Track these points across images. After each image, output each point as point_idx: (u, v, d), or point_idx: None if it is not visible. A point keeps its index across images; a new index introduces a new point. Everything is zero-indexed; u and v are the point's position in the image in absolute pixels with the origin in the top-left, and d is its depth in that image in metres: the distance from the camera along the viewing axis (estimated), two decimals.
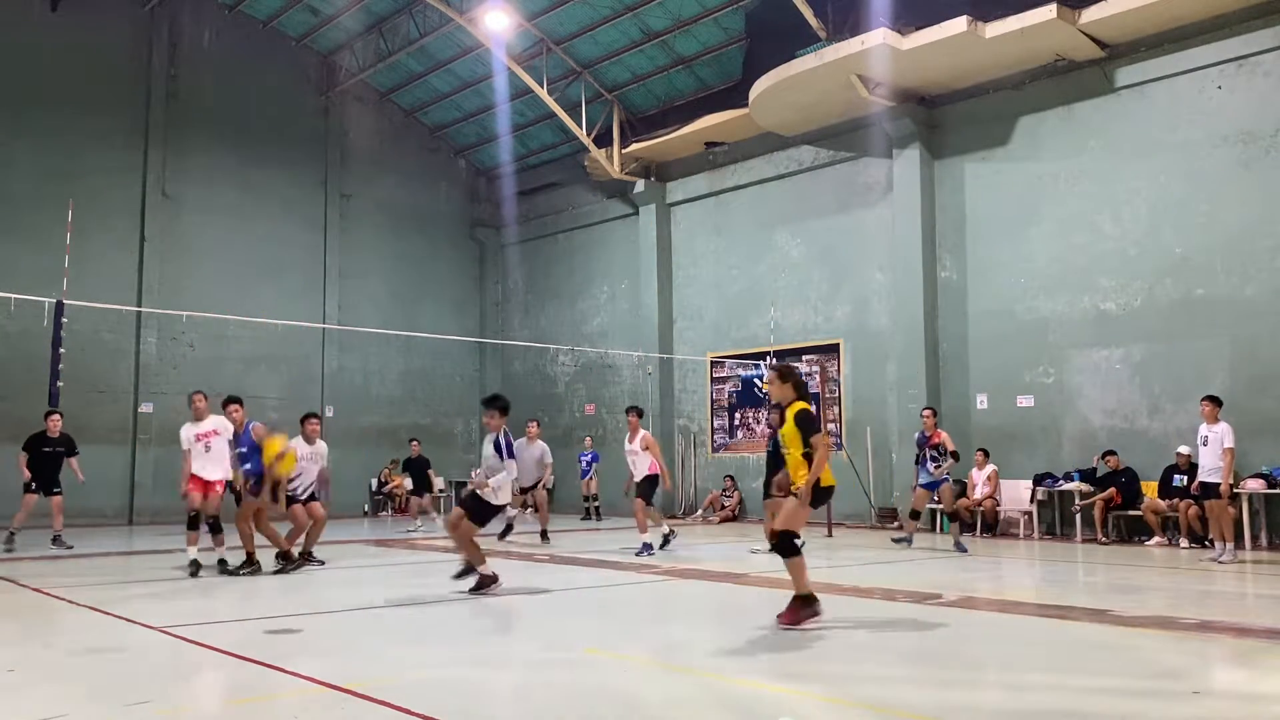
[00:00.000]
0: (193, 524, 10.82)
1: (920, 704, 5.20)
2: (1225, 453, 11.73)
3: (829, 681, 5.77)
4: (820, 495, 7.51)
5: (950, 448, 13.65)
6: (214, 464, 10.76)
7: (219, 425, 10.85)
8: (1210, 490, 11.89)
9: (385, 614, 8.39)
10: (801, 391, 7.78)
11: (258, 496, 10.80)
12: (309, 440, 11.54)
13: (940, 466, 13.53)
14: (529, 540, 14.79)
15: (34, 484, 14.03)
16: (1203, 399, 12.20)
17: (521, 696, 5.40)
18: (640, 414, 13.78)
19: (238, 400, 11.19)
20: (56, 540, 13.99)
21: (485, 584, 9.07)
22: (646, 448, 13.36)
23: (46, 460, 14.12)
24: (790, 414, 7.56)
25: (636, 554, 12.73)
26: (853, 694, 5.40)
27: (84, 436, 16.00)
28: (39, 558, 12.80)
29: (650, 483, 13.34)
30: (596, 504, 20.89)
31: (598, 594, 9.79)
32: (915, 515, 14.03)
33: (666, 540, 13.48)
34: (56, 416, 14.19)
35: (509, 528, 15.06)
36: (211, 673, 6.20)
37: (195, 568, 10.68)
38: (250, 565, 10.73)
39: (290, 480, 11.09)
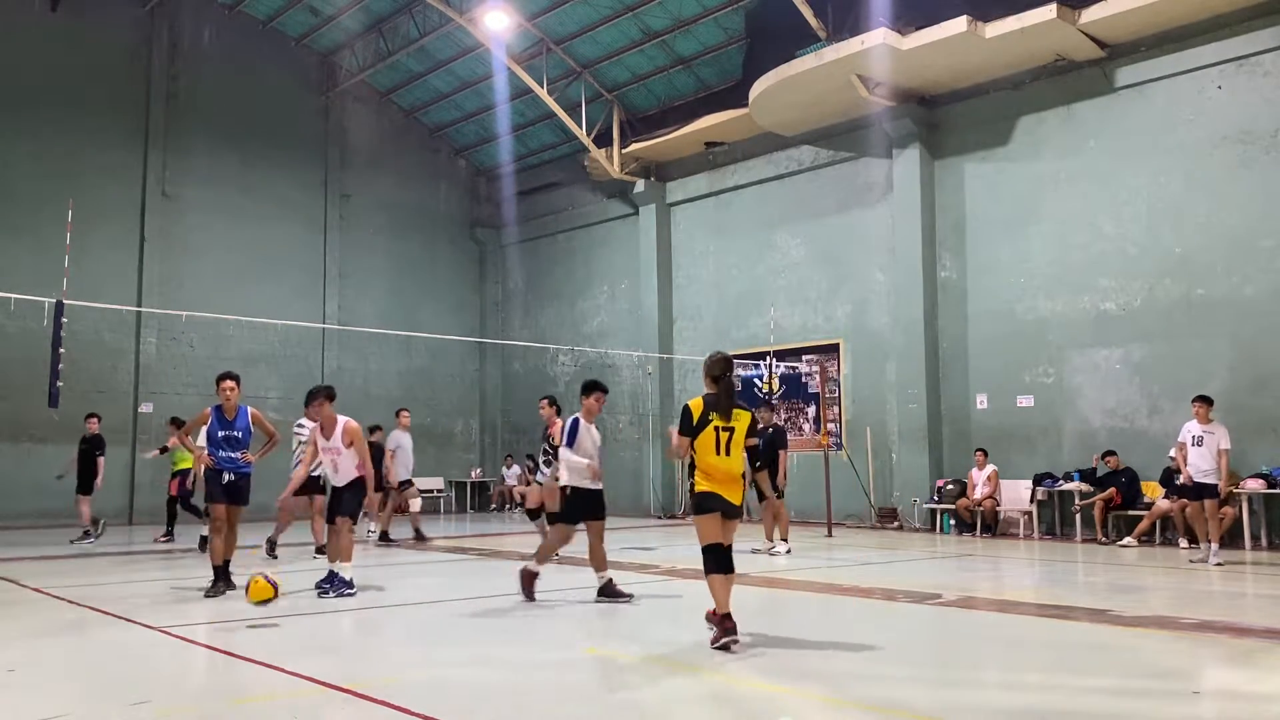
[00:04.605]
0: None
1: (920, 704, 5.21)
2: (1222, 454, 11.69)
3: (829, 681, 5.77)
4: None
5: (556, 443, 11.67)
6: None
7: None
8: (1207, 490, 11.84)
9: (385, 614, 8.39)
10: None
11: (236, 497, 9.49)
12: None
13: (551, 465, 11.85)
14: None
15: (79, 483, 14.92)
16: (1195, 399, 12.14)
17: (521, 696, 5.40)
18: (332, 397, 9.62)
19: (233, 376, 9.64)
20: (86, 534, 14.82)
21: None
22: (351, 443, 9.32)
23: (79, 458, 15.00)
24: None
25: (321, 591, 9.20)
26: (853, 694, 5.40)
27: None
28: (39, 558, 12.80)
29: (356, 490, 9.39)
30: None
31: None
32: (535, 515, 12.31)
33: (347, 584, 9.28)
34: (94, 419, 15.22)
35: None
36: (211, 673, 6.20)
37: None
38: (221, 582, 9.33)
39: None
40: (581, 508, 8.84)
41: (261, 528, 13.48)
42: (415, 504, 15.43)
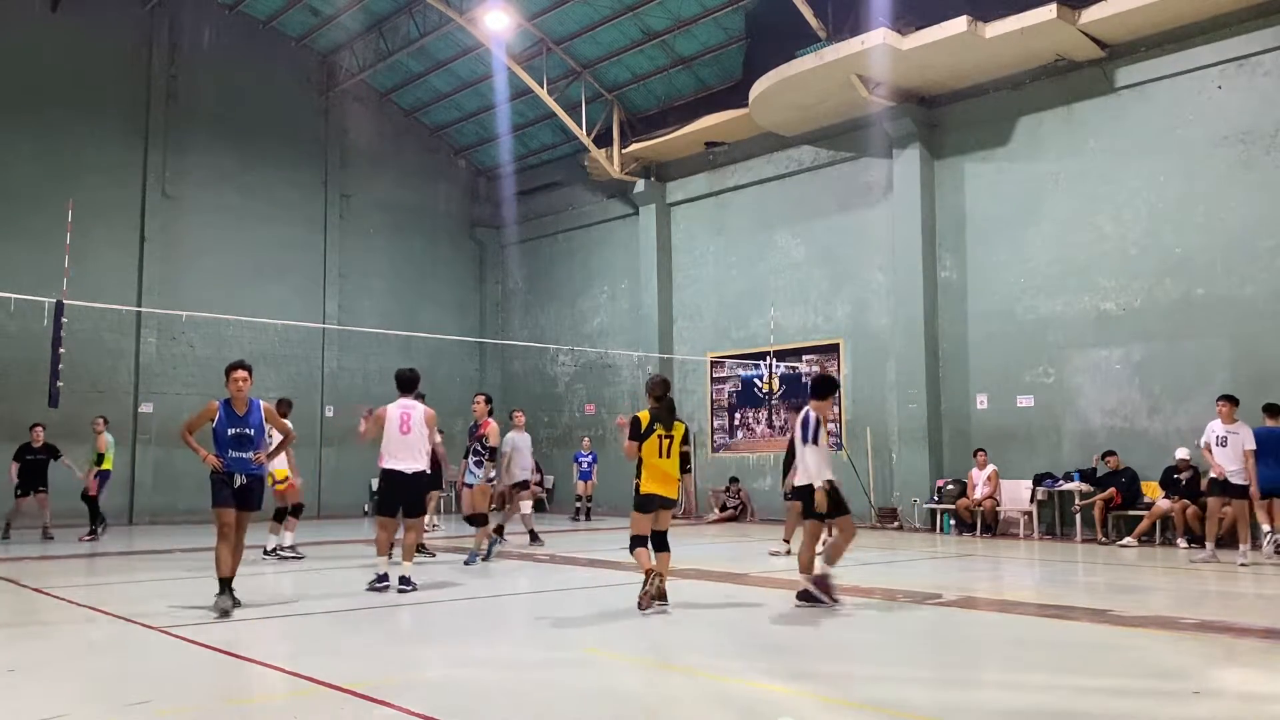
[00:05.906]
0: None
1: (920, 704, 5.21)
2: (1247, 455, 11.64)
3: (829, 681, 5.77)
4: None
5: (492, 443, 11.92)
6: None
7: None
8: (1235, 490, 11.75)
9: (385, 614, 8.38)
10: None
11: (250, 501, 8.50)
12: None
13: (483, 465, 11.93)
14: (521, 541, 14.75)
15: (19, 488, 15.64)
16: (1220, 399, 12.00)
17: (521, 696, 5.40)
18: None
19: (245, 366, 8.84)
20: (45, 531, 15.66)
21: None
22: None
23: (31, 467, 15.66)
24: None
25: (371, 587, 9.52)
26: (853, 694, 5.40)
27: (84, 437, 16.04)
28: (39, 558, 12.81)
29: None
30: (589, 504, 20.83)
31: (597, 594, 9.78)
32: (481, 520, 12.05)
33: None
34: (39, 429, 15.69)
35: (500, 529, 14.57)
36: (211, 673, 6.20)
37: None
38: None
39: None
40: (838, 501, 8.58)
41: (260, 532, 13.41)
42: (525, 505, 14.36)
